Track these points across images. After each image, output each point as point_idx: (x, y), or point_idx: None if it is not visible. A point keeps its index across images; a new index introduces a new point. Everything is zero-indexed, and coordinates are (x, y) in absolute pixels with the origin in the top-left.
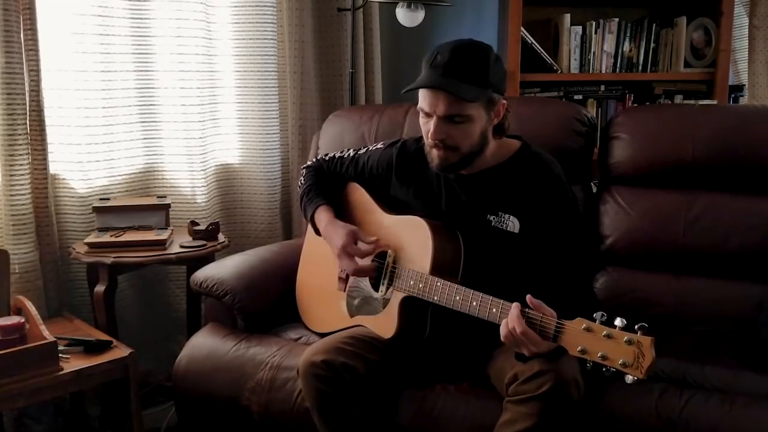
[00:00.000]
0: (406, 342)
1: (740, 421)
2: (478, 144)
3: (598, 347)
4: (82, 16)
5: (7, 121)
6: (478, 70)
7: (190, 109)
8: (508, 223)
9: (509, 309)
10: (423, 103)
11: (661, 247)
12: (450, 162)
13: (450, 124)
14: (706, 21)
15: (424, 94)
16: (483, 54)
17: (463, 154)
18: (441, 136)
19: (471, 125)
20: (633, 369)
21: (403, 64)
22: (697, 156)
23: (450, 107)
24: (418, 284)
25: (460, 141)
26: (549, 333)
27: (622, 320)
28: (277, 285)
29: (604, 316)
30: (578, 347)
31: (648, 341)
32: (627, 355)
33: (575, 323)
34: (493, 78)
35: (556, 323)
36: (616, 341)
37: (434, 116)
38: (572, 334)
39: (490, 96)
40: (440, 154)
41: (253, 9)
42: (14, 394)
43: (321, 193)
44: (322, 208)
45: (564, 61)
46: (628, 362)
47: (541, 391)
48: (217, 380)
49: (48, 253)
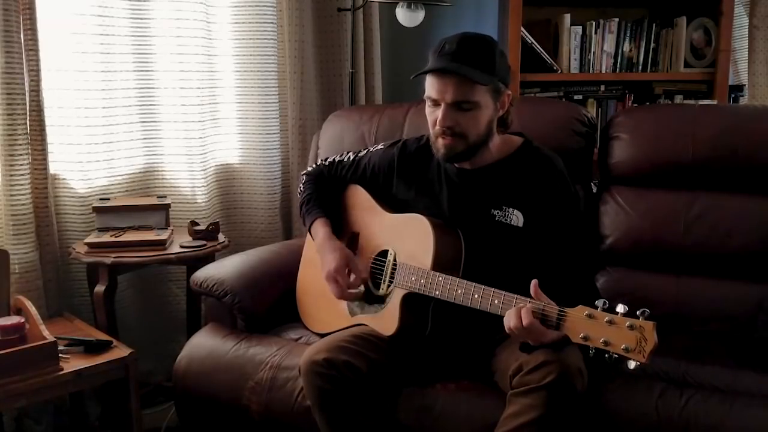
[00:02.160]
0: (408, 339)
1: (740, 421)
2: (485, 134)
3: (600, 333)
4: (82, 16)
5: (7, 121)
6: (485, 58)
7: (190, 109)
8: (512, 218)
9: (512, 300)
10: (431, 90)
11: (662, 247)
12: (456, 151)
13: (458, 111)
14: (706, 21)
15: (432, 82)
16: (489, 44)
17: (470, 142)
18: (449, 123)
19: (478, 112)
20: (636, 353)
21: (403, 64)
22: (697, 156)
23: (459, 93)
24: (419, 280)
25: (468, 128)
26: (552, 321)
27: (624, 306)
28: (277, 285)
29: (606, 303)
30: (581, 334)
31: (650, 326)
32: (629, 340)
33: (577, 310)
34: (500, 68)
35: (558, 311)
36: (618, 327)
37: (442, 103)
38: (575, 322)
39: (497, 85)
40: (447, 143)
41: (253, 9)
42: (14, 394)
43: (319, 204)
44: (319, 222)
45: (564, 61)
46: (631, 347)
47: (545, 381)
48: (217, 380)
49: (48, 253)
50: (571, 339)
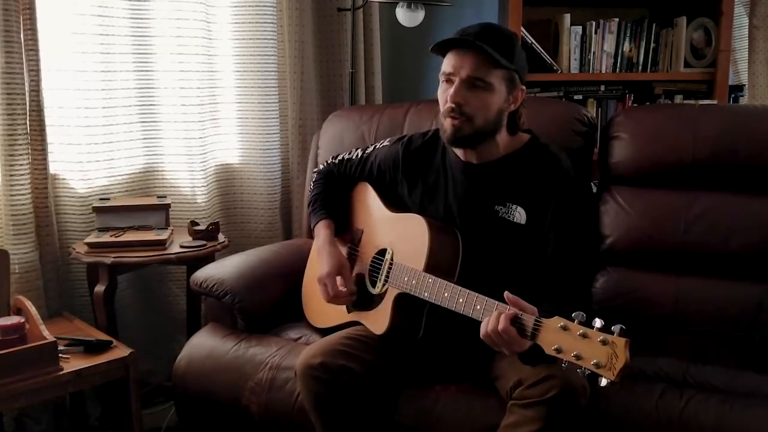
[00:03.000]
0: (399, 340)
1: (740, 421)
2: (493, 121)
3: (573, 346)
4: (82, 16)
5: (7, 121)
6: (506, 46)
7: (190, 109)
8: (515, 214)
9: (493, 306)
10: (447, 65)
11: (662, 247)
12: (462, 133)
13: (470, 90)
14: (706, 21)
15: (450, 57)
16: (511, 36)
17: (477, 126)
18: (459, 100)
19: (490, 95)
20: (606, 370)
21: (403, 64)
22: (697, 156)
23: (476, 69)
24: (411, 280)
25: (477, 110)
26: (527, 330)
27: (601, 321)
28: (277, 285)
29: (583, 316)
30: (554, 345)
31: (622, 342)
32: (600, 355)
33: (552, 321)
34: (518, 60)
35: (535, 320)
36: (590, 341)
37: (456, 79)
38: (549, 332)
39: (512, 74)
40: (454, 123)
41: (253, 9)
42: (14, 394)
43: (324, 204)
44: (322, 224)
45: (564, 61)
46: (601, 363)
47: (547, 396)
48: (217, 380)
49: (48, 253)
50: (544, 350)
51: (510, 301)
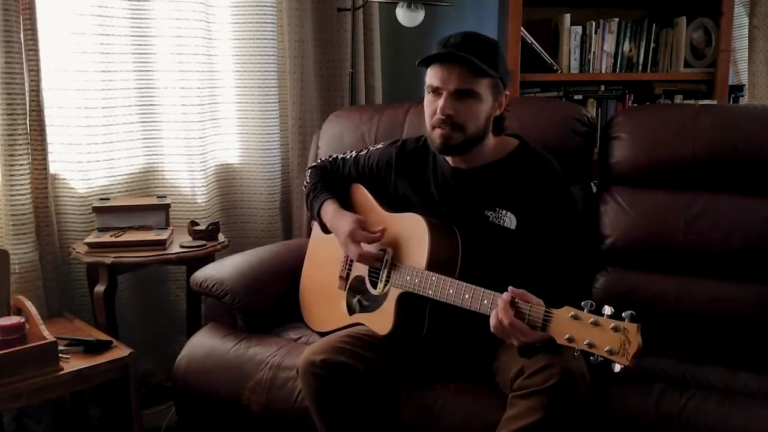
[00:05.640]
0: (404, 339)
1: (740, 421)
2: (482, 129)
3: (585, 335)
4: (81, 16)
5: (7, 121)
6: (489, 54)
7: (190, 109)
8: (505, 219)
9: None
10: (433, 79)
11: (661, 246)
12: (453, 142)
13: (459, 101)
14: (706, 21)
15: (435, 70)
16: (493, 43)
17: (468, 135)
18: (450, 112)
19: (479, 104)
20: (619, 356)
21: (403, 64)
22: (697, 156)
23: (462, 81)
24: (413, 279)
25: (467, 120)
26: (537, 322)
27: (611, 308)
28: (277, 285)
29: (592, 305)
30: (565, 335)
31: (634, 328)
32: (613, 342)
33: (563, 311)
34: (501, 67)
35: (545, 311)
36: (602, 328)
37: (444, 92)
38: (560, 322)
39: (497, 82)
40: (444, 133)
41: (253, 9)
42: (14, 394)
43: (327, 188)
44: (329, 201)
45: (564, 61)
46: (615, 349)
47: (547, 384)
48: (217, 380)
49: (48, 253)
50: (556, 340)
51: (516, 294)
